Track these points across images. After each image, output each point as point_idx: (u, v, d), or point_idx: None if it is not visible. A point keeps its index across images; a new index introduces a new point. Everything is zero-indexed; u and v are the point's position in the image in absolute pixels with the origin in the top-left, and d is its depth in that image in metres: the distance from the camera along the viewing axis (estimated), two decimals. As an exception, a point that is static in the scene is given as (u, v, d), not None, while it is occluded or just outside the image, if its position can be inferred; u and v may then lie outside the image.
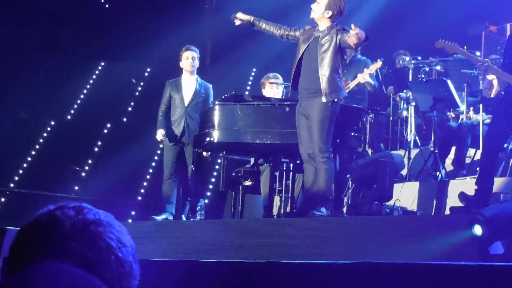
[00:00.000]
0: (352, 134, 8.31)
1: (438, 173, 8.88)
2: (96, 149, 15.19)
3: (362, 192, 8.05)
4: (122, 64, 16.25)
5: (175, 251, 7.48)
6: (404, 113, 10.47)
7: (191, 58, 9.59)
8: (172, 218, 9.27)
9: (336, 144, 7.86)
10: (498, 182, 7.89)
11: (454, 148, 9.22)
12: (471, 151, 9.40)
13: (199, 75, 9.76)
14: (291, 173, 8.66)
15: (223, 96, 8.74)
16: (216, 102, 8.60)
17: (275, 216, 8.52)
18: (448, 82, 9.41)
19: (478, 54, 9.53)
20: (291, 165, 8.67)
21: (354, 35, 7.40)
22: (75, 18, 16.73)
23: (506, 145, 8.37)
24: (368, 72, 9.75)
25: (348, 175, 8.60)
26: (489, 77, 7.52)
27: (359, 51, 10.16)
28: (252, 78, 15.40)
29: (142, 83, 16.38)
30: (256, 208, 9.50)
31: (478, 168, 7.45)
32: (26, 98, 16.14)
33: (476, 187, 7.06)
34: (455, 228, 5.79)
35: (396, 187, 8.16)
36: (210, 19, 16.36)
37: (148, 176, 13.96)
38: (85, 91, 16.24)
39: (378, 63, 9.88)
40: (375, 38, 7.44)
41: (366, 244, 6.34)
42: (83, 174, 14.74)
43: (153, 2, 16.47)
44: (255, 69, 15.39)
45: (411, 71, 10.71)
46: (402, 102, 10.61)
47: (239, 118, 8.41)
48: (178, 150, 9.52)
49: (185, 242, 7.73)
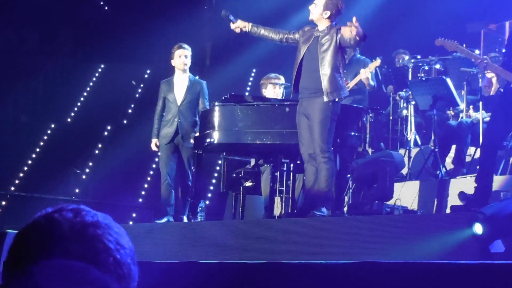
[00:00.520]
0: (352, 133, 8.31)
1: (438, 172, 8.89)
2: (96, 151, 15.19)
3: (362, 192, 8.05)
4: (122, 66, 16.26)
5: (176, 253, 7.48)
6: (404, 112, 10.47)
7: (184, 56, 9.40)
8: (173, 220, 9.26)
9: (336, 143, 7.86)
10: (499, 180, 7.89)
11: (454, 147, 9.22)
12: (471, 150, 9.40)
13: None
14: (291, 173, 8.66)
15: (223, 97, 8.73)
16: (216, 103, 8.59)
17: (276, 217, 8.52)
18: (448, 80, 9.42)
19: (478, 52, 9.53)
20: (292, 165, 8.67)
21: (349, 29, 7.39)
22: (75, 21, 16.74)
23: (506, 143, 8.37)
24: (368, 70, 9.76)
25: (348, 175, 8.60)
26: (488, 75, 7.53)
27: (358, 51, 10.17)
28: (252, 78, 15.39)
29: (142, 85, 16.39)
30: (257, 208, 9.50)
31: (478, 167, 7.46)
32: (26, 101, 16.14)
33: (475, 185, 7.06)
34: (456, 227, 5.79)
35: (397, 186, 8.17)
36: (210, 20, 16.36)
37: (149, 178, 13.96)
38: (85, 93, 16.24)
39: (377, 61, 9.89)
40: (375, 37, 7.46)
41: (367, 244, 6.34)
42: (84, 176, 14.74)
43: (152, 4, 16.47)
44: (255, 69, 15.39)
45: (410, 70, 10.71)
46: (402, 101, 10.60)
47: (239, 119, 8.40)
48: (173, 150, 9.35)
49: (186, 243, 7.73)
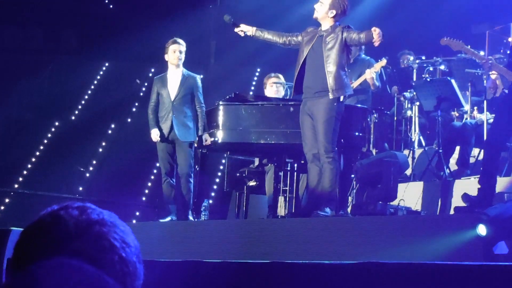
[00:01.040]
0: (357, 134, 8.31)
1: (442, 173, 8.88)
2: (100, 149, 15.19)
3: (366, 192, 8.04)
4: (127, 65, 16.25)
5: (180, 251, 7.48)
6: (409, 112, 10.47)
7: (178, 51, 9.31)
8: (176, 219, 9.25)
9: (340, 144, 7.85)
10: (503, 182, 7.88)
11: (458, 148, 9.21)
12: (475, 151, 9.39)
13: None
14: (295, 173, 8.66)
15: (227, 96, 8.73)
16: (221, 103, 8.59)
17: (279, 217, 8.52)
18: (452, 81, 9.41)
19: (482, 53, 9.52)
20: (296, 165, 8.67)
21: (378, 35, 7.45)
22: (79, 19, 16.74)
23: (510, 144, 8.37)
24: (373, 70, 9.76)
25: (352, 175, 8.59)
26: (492, 76, 7.53)
27: (363, 50, 10.18)
28: (256, 78, 15.39)
29: (146, 84, 16.37)
30: (261, 208, 9.50)
31: (481, 168, 7.45)
32: (30, 99, 16.15)
33: (479, 186, 7.05)
34: (460, 228, 5.78)
35: (401, 187, 8.16)
36: (215, 19, 16.36)
37: (153, 177, 13.96)
38: (89, 91, 16.25)
39: (383, 61, 9.90)
40: (382, 40, 7.46)
41: (371, 244, 6.33)
42: (88, 174, 14.75)
43: (157, 2, 16.47)
44: (259, 69, 15.39)
45: (415, 70, 10.70)
46: (407, 102, 10.61)
47: (243, 118, 8.41)
48: (170, 148, 9.27)
49: (189, 242, 7.73)
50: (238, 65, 15.18)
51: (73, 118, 15.85)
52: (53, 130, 15.52)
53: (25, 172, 14.73)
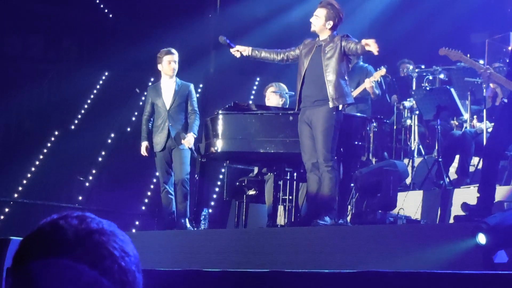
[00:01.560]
0: (356, 143, 8.31)
1: (442, 181, 8.87)
2: (100, 158, 15.18)
3: (366, 201, 8.05)
4: (126, 74, 16.25)
5: (179, 261, 7.48)
6: (408, 121, 10.47)
7: (173, 61, 9.35)
8: (175, 228, 9.23)
9: (340, 152, 7.85)
10: (502, 190, 7.88)
11: (458, 157, 9.21)
12: (475, 160, 9.39)
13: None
14: (294, 182, 8.66)
15: (227, 105, 8.74)
16: (220, 112, 8.60)
17: (279, 226, 8.52)
18: (452, 90, 9.41)
19: (482, 62, 9.53)
20: (295, 174, 8.67)
21: (373, 46, 7.45)
22: (80, 28, 16.78)
23: (509, 153, 8.37)
24: (373, 79, 9.77)
25: (352, 184, 8.59)
26: (492, 84, 7.53)
27: (361, 58, 10.18)
28: (255, 87, 15.40)
29: (145, 93, 16.38)
30: (260, 217, 9.49)
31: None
32: (30, 107, 16.15)
33: (478, 195, 7.05)
34: (459, 237, 5.78)
35: (400, 195, 8.16)
36: (214, 28, 16.38)
37: (152, 186, 13.94)
38: (89, 100, 16.25)
39: (382, 70, 9.91)
40: (379, 46, 7.45)
41: (370, 253, 6.33)
42: (87, 184, 14.73)
43: (157, 12, 16.49)
44: (258, 78, 15.40)
45: (414, 79, 10.70)
46: (406, 110, 10.60)
47: (243, 128, 8.41)
48: (168, 156, 9.26)
49: (188, 251, 7.72)
50: (237, 74, 15.19)
51: (72, 127, 15.85)
52: (52, 139, 15.51)
53: (24, 181, 14.71)
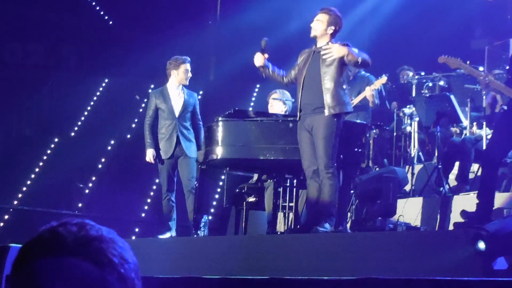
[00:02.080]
0: (356, 149, 8.30)
1: (441, 188, 8.88)
2: (99, 165, 15.18)
3: (365, 208, 8.05)
4: (126, 81, 16.26)
5: (179, 268, 7.47)
6: (408, 128, 10.47)
7: (189, 71, 9.40)
8: (175, 235, 9.23)
9: (340, 159, 7.85)
10: (502, 197, 7.88)
11: (457, 164, 9.21)
12: (474, 167, 9.38)
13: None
14: (294, 189, 8.65)
15: (227, 112, 8.74)
16: (220, 118, 8.59)
17: (279, 232, 8.51)
18: (452, 97, 9.42)
19: (481, 69, 9.53)
20: (295, 181, 8.67)
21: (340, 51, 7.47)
22: (79, 35, 16.79)
23: (509, 159, 8.37)
24: (373, 87, 9.78)
25: (351, 191, 8.59)
26: (492, 92, 7.53)
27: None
28: (255, 94, 15.40)
29: (146, 99, 16.37)
30: (260, 224, 9.49)
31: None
32: (30, 115, 16.16)
33: (477, 202, 7.05)
34: (459, 244, 5.78)
35: (400, 202, 8.16)
36: (214, 35, 16.40)
37: (152, 193, 13.94)
38: (88, 107, 16.26)
39: (383, 79, 9.91)
40: (379, 54, 7.47)
41: (370, 260, 6.33)
42: (87, 191, 14.73)
43: (156, 18, 16.52)
44: (258, 85, 15.40)
45: (414, 86, 10.70)
46: (406, 117, 10.60)
47: (242, 134, 8.41)
48: (173, 163, 9.24)
49: (188, 258, 7.73)
50: (237, 80, 15.19)
51: (72, 134, 15.86)
52: (52, 146, 15.52)
53: (24, 188, 14.71)
